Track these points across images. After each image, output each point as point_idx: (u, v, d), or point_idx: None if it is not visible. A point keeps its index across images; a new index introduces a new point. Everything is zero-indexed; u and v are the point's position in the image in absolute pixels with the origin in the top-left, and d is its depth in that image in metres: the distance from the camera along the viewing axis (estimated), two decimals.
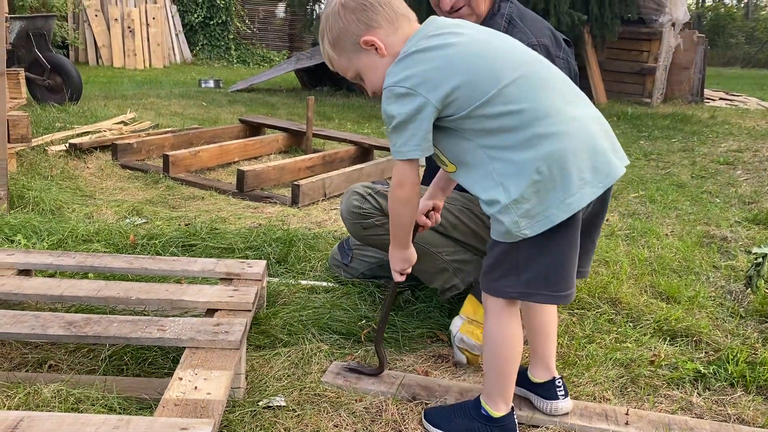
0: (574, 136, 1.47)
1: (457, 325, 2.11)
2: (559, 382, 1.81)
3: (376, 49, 1.58)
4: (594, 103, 1.63)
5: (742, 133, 7.41)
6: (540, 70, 1.55)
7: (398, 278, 1.81)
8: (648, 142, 6.85)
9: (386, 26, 1.58)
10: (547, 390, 1.80)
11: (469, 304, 2.14)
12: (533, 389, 1.83)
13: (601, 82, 9.98)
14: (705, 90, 11.21)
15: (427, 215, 1.91)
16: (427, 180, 2.62)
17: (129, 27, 13.16)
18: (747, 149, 6.38)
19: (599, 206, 1.61)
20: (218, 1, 14.97)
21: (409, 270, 1.80)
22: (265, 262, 2.31)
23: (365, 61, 1.61)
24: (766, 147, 6.44)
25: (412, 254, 1.77)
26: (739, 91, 12.83)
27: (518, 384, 1.80)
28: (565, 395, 1.81)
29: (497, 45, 1.57)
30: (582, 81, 10.36)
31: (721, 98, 11.55)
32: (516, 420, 1.70)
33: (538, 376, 1.81)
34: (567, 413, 1.81)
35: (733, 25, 25.87)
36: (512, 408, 1.69)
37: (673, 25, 9.85)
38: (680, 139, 6.97)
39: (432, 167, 2.71)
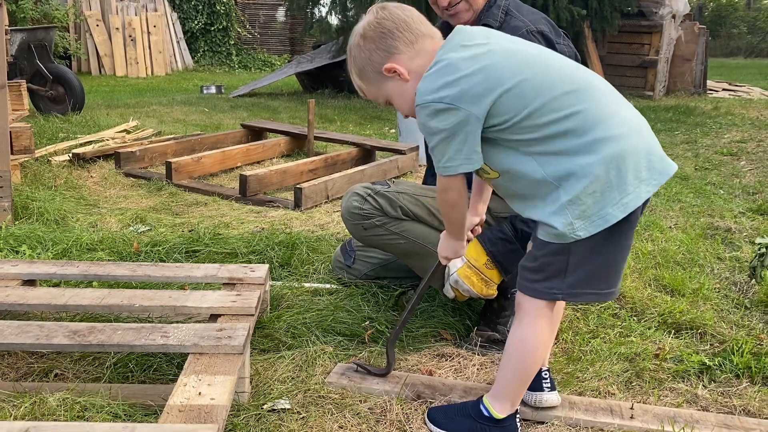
0: (631, 137, 1.48)
1: (456, 265, 2.09)
2: (546, 374, 1.80)
3: (399, 75, 1.59)
4: None
5: (745, 123, 7.38)
6: (586, 76, 1.55)
7: (444, 261, 1.84)
8: None
9: (407, 51, 1.58)
10: (534, 381, 1.77)
11: (474, 248, 2.10)
12: None
13: (603, 76, 9.93)
14: (708, 81, 11.17)
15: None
16: (431, 180, 2.62)
17: (130, 36, 13.21)
18: (751, 139, 6.36)
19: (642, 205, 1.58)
20: (218, 7, 15.00)
21: (452, 258, 1.83)
22: (267, 266, 2.32)
23: (392, 87, 1.63)
24: None
25: (463, 247, 1.80)
26: (742, 82, 12.79)
27: None
28: (552, 388, 1.80)
29: (534, 53, 1.56)
30: None
31: (724, 89, 11.50)
32: (519, 420, 1.69)
33: None
34: (554, 406, 1.80)
35: (735, 15, 25.75)
36: (516, 410, 1.68)
37: (674, 17, 9.82)
38: (683, 132, 6.95)
39: (430, 167, 2.71)
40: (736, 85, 12.03)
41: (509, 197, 1.65)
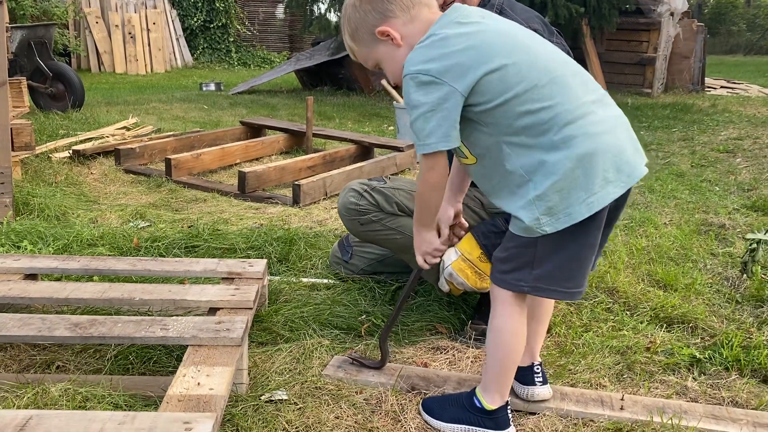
0: (604, 137, 1.48)
1: (451, 258, 2.10)
2: (537, 368, 1.83)
3: (392, 39, 1.59)
4: None
5: (742, 120, 7.42)
6: (570, 71, 1.55)
7: (423, 265, 1.79)
8: (648, 132, 6.87)
9: (402, 16, 1.58)
10: (525, 375, 1.82)
11: (467, 242, 2.11)
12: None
13: (601, 73, 9.97)
14: (706, 78, 11.20)
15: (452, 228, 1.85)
16: None
17: (130, 33, 13.24)
18: (747, 137, 6.39)
19: (616, 205, 1.58)
20: (218, 4, 15.02)
21: (436, 260, 1.79)
22: (265, 261, 2.36)
23: (383, 51, 1.62)
24: (766, 134, 6.45)
25: (436, 237, 1.76)
26: (740, 79, 12.82)
27: None
28: (543, 382, 1.83)
29: (525, 40, 1.56)
30: None
31: (722, 86, 11.54)
32: (510, 412, 1.73)
33: (520, 361, 1.84)
34: (545, 400, 1.83)
35: (735, 12, 25.77)
36: (507, 402, 1.72)
37: (672, 14, 9.85)
38: (680, 129, 6.98)
39: None
40: (735, 83, 12.06)
41: (485, 187, 1.65)
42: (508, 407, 1.73)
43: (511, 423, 1.72)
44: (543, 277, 1.56)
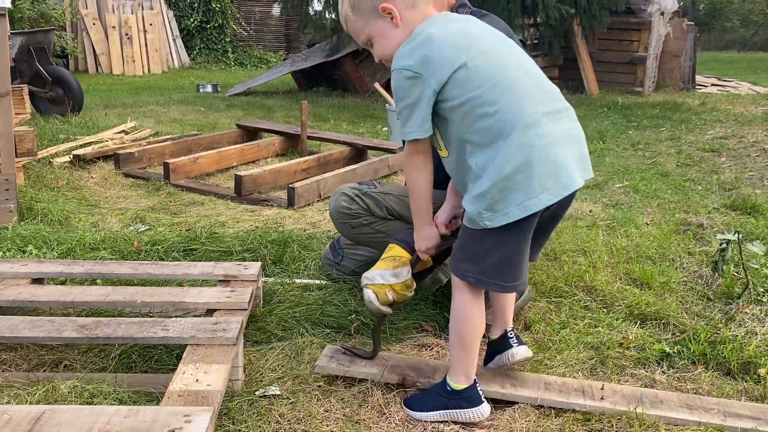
0: (547, 149, 1.64)
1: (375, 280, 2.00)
2: (511, 333, 2.00)
3: (392, 18, 1.75)
4: (585, 94, 1.84)
5: (729, 119, 7.54)
6: (536, 77, 1.73)
7: (424, 257, 1.96)
8: (637, 131, 7.00)
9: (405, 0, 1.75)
10: (502, 343, 1.98)
11: (394, 249, 2.05)
12: (493, 350, 2.01)
13: (593, 72, 10.12)
14: (697, 76, 11.34)
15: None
16: None
17: (127, 34, 13.33)
18: (733, 136, 6.52)
19: (558, 207, 1.76)
20: (214, 5, 15.12)
21: (434, 251, 1.94)
22: (260, 263, 2.49)
23: (380, 27, 1.78)
24: (752, 133, 6.58)
25: (436, 233, 1.92)
26: (732, 76, 12.95)
27: (487, 359, 2.03)
28: (519, 343, 1.99)
29: (497, 46, 1.74)
30: (574, 72, 10.47)
31: (713, 84, 11.67)
32: (480, 391, 1.86)
33: (494, 334, 2.01)
34: (527, 358, 2.00)
35: (730, 8, 25.89)
36: (474, 381, 1.85)
37: (662, 14, 9.99)
38: (668, 128, 7.11)
39: None
40: (725, 81, 12.19)
41: (456, 180, 1.83)
42: (477, 386, 1.86)
43: (483, 399, 1.85)
44: (484, 271, 1.73)
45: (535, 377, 2.04)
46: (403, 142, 2.58)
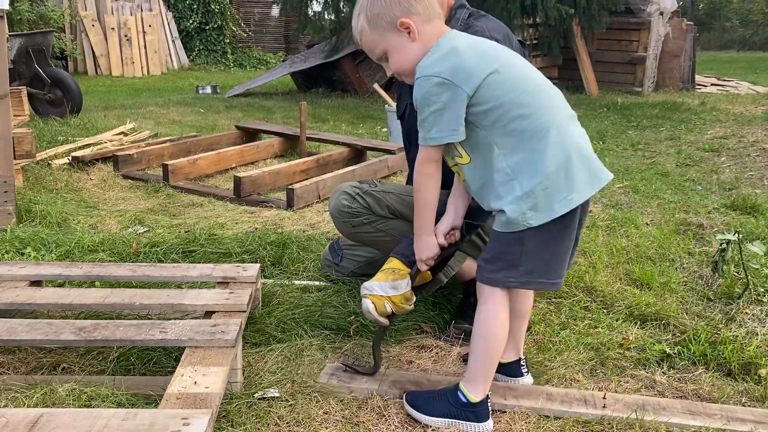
0: (579, 147, 1.73)
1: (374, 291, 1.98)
2: (522, 362, 2.01)
3: (410, 32, 1.78)
4: (585, 95, 1.92)
5: (729, 119, 7.54)
6: (548, 86, 1.81)
7: (422, 267, 1.95)
8: (636, 131, 6.99)
9: (423, 15, 1.78)
10: (514, 369, 2.00)
11: (394, 262, 2.04)
12: (500, 369, 1.99)
13: (592, 73, 10.11)
14: (697, 76, 11.33)
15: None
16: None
17: (126, 35, 13.33)
18: (733, 135, 6.52)
19: (586, 204, 1.79)
20: (213, 6, 15.12)
21: (432, 261, 1.94)
22: (259, 265, 2.48)
23: (396, 41, 1.80)
24: (751, 132, 6.57)
25: (436, 242, 1.92)
26: (732, 76, 12.93)
27: None
28: (527, 373, 2.03)
29: (512, 55, 1.83)
30: (573, 72, 10.48)
31: (713, 84, 11.66)
32: (490, 407, 1.85)
33: (506, 357, 1.99)
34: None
35: (729, 7, 25.87)
36: (488, 395, 1.84)
37: (662, 14, 9.98)
38: (668, 128, 7.11)
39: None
40: (725, 80, 12.18)
41: (474, 187, 1.83)
42: (489, 401, 1.85)
43: (490, 416, 1.84)
44: (530, 271, 1.74)
45: (536, 389, 2.01)
46: (406, 149, 2.59)
